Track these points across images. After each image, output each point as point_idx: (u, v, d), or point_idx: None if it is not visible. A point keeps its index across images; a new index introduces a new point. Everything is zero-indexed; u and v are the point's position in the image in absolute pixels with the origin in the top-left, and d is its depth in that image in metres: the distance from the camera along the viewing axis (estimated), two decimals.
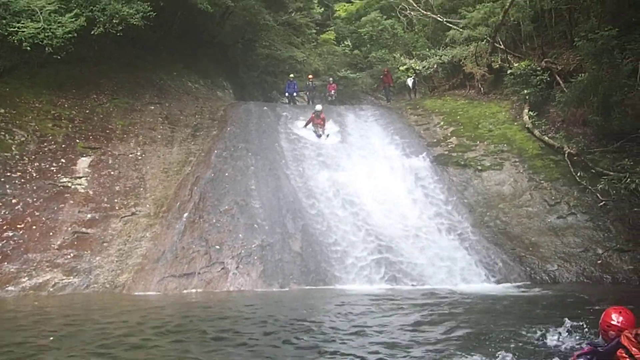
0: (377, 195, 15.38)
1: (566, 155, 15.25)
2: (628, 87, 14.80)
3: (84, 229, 12.65)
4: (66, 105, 16.10)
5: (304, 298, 10.78)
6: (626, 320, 4.28)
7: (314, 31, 33.93)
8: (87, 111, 16.36)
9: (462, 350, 6.35)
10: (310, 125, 18.88)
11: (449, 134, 18.53)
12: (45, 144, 14.53)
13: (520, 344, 6.55)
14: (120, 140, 15.77)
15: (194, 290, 11.28)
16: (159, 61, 21.39)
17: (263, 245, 12.59)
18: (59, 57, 15.00)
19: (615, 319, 4.28)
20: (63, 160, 14.26)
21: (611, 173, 13.79)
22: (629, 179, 12.68)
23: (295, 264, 12.28)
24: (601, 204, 13.71)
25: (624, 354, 4.06)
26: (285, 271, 12.03)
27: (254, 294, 11.01)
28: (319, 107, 19.47)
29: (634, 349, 4.03)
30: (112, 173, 14.52)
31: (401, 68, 26.80)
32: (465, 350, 6.32)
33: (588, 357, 4.40)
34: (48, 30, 14.49)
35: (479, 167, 16.25)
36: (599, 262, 12.47)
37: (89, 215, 13.04)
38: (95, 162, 14.64)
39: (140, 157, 15.45)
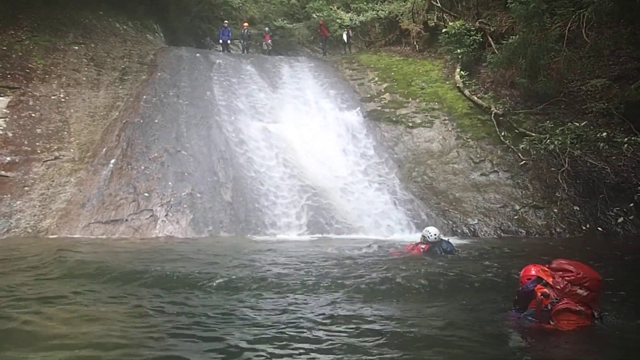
0: (310, 147, 15.45)
1: (493, 115, 15.84)
2: (555, 52, 15.41)
3: (3, 172, 12.03)
4: None
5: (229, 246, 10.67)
6: (542, 269, 4.66)
7: None
8: (5, 48, 15.26)
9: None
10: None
11: (383, 90, 18.74)
12: None
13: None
14: (42, 81, 14.89)
15: (121, 237, 11.05)
16: None
17: (193, 194, 12.45)
18: None
19: (535, 271, 4.68)
20: None
21: (533, 134, 14.47)
22: (548, 140, 13.35)
23: (225, 213, 12.24)
24: (522, 163, 14.42)
25: (540, 286, 4.47)
26: (215, 220, 11.98)
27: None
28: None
29: (550, 278, 4.45)
30: (33, 115, 13.75)
31: (337, 20, 26.63)
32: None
33: (516, 309, 4.75)
34: None
35: (410, 124, 16.59)
36: (516, 217, 13.19)
37: (8, 158, 12.39)
38: (14, 102, 13.79)
39: (63, 100, 14.68)
